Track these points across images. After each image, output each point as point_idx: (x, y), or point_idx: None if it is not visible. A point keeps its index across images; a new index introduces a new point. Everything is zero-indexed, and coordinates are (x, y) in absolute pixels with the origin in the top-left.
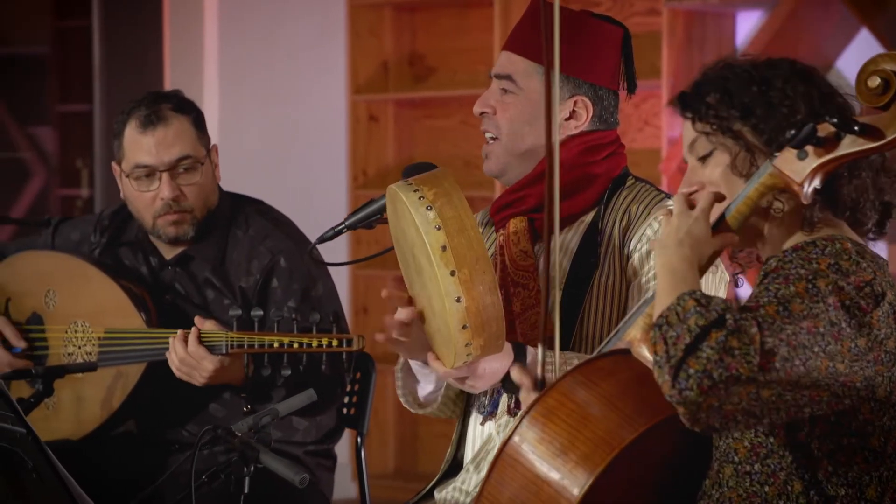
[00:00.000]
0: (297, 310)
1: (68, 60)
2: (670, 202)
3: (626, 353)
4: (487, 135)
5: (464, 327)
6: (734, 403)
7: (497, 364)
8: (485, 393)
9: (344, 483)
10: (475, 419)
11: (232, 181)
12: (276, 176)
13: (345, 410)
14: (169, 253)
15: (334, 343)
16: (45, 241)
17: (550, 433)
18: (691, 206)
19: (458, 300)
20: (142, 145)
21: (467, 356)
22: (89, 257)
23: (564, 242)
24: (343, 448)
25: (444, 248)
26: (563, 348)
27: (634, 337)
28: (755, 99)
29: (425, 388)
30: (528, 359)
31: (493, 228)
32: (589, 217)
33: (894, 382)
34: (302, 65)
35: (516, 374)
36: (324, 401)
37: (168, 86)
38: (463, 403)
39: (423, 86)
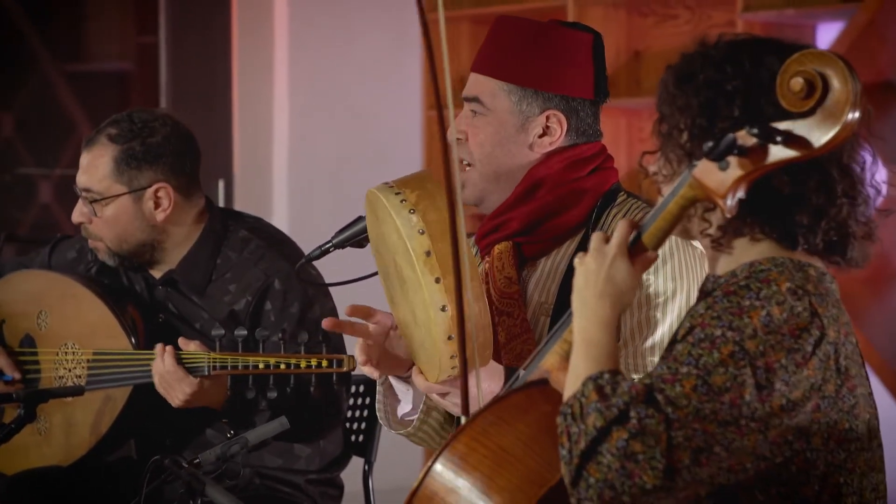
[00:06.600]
0: (293, 333)
1: (146, 76)
2: None
3: (544, 383)
4: (463, 162)
5: (449, 338)
6: None
7: (484, 384)
8: None
9: None
10: None
11: (303, 198)
12: (348, 193)
13: (352, 437)
14: (156, 273)
15: (324, 364)
16: (42, 260)
17: (462, 482)
18: (608, 240)
19: (443, 309)
20: (80, 163)
21: (452, 369)
22: (80, 277)
23: (553, 265)
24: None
25: (428, 253)
26: None
27: (553, 365)
28: (680, 97)
29: (403, 408)
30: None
31: (479, 256)
32: (578, 237)
33: (832, 428)
34: (375, 79)
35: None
36: (314, 425)
37: (236, 102)
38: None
39: None
